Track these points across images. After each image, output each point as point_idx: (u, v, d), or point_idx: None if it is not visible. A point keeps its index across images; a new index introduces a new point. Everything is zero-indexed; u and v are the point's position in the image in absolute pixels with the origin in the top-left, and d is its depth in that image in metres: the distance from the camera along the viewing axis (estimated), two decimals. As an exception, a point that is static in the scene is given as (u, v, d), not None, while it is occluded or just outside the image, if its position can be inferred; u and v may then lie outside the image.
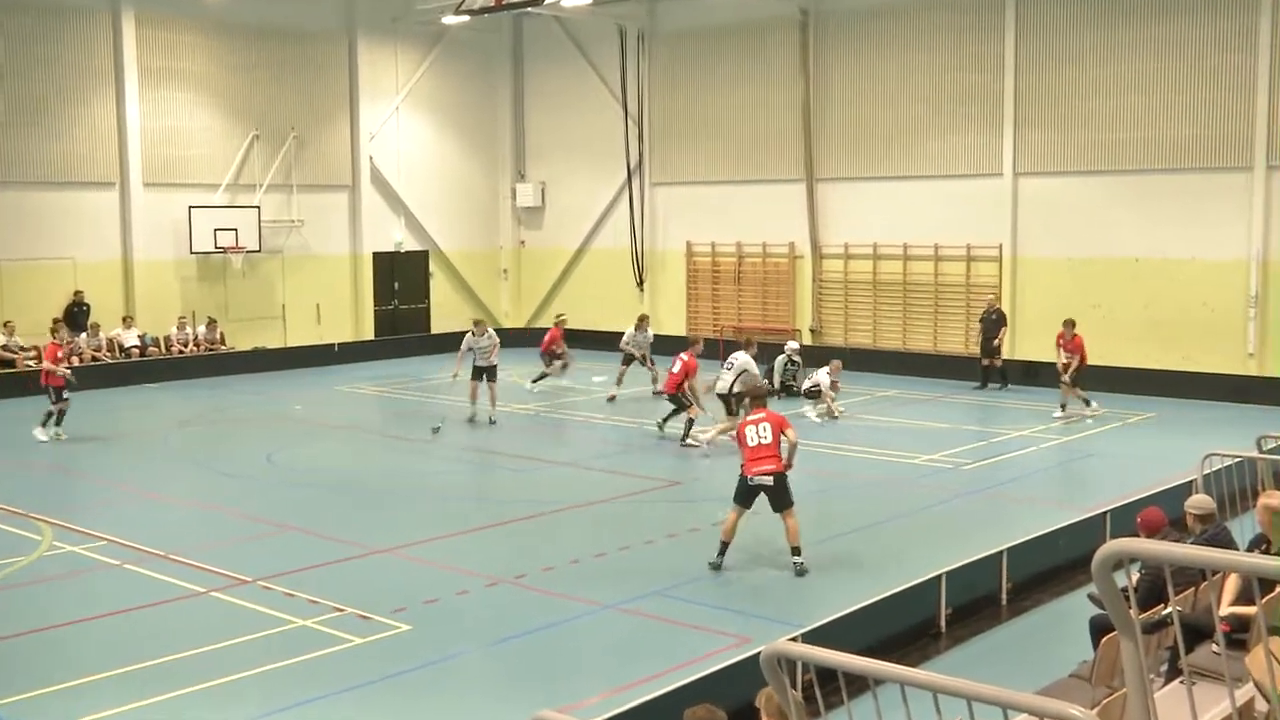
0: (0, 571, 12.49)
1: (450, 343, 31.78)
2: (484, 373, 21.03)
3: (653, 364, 23.93)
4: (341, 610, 11.03)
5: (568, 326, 26.50)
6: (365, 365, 29.30)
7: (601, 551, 13.10)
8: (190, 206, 27.56)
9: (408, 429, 21.06)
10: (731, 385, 18.93)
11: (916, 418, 21.68)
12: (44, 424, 19.63)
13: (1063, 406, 21.17)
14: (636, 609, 11.21)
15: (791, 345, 24.48)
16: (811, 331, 28.70)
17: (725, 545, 12.27)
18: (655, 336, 25.09)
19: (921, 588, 10.55)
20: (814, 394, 21.85)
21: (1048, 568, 12.00)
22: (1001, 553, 11.45)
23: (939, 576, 10.67)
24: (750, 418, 12.39)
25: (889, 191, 27.46)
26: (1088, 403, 21.21)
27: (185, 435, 20.79)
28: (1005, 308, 25.20)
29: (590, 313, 32.42)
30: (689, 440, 18.93)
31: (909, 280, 27.41)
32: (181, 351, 27.58)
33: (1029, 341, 25.33)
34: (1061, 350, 21.19)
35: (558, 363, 25.22)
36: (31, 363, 24.57)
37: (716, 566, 12.21)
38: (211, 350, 28.04)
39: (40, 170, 26.03)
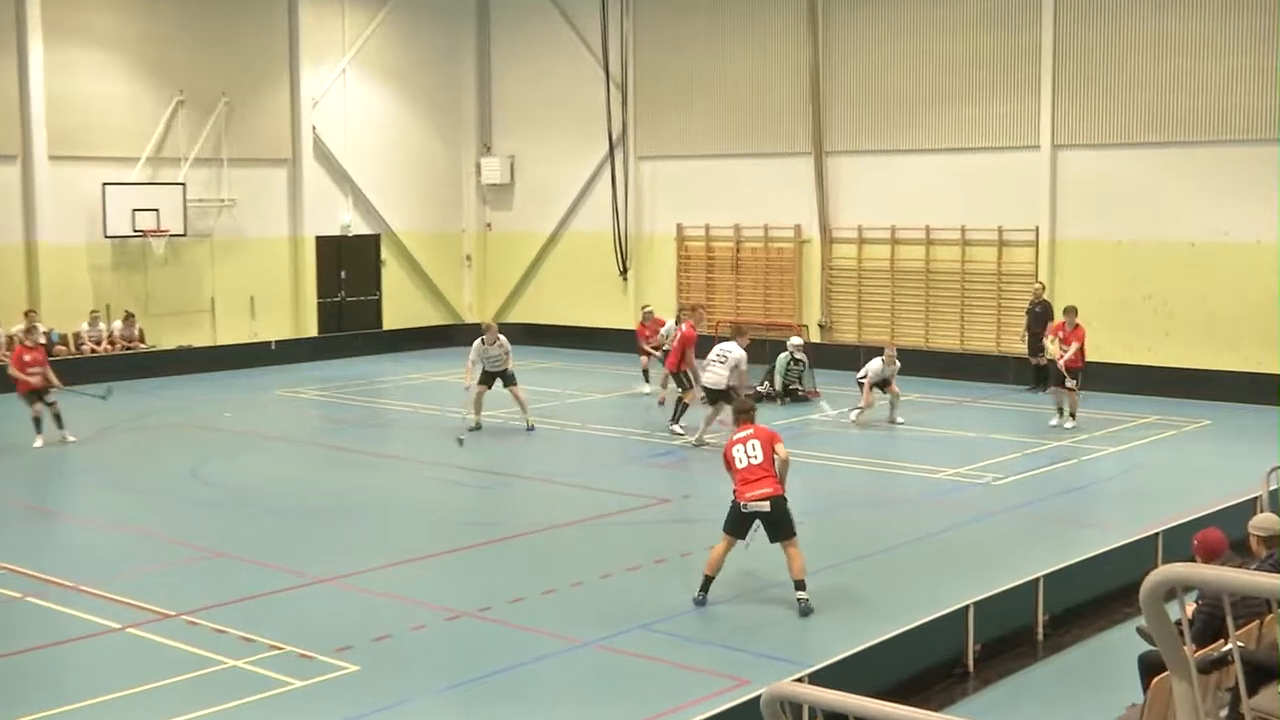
0: (-117, 605, 12.41)
1: (405, 341, 31.93)
2: (496, 378, 20.88)
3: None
4: (279, 648, 10.99)
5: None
6: (307, 366, 29.23)
7: (578, 580, 13.09)
8: (104, 183, 27.45)
9: (356, 440, 21.02)
10: (728, 381, 18.87)
11: (940, 425, 21.72)
12: (39, 431, 20.08)
13: (1068, 414, 20.89)
14: (618, 646, 11.20)
15: (795, 341, 24.46)
16: (820, 327, 28.74)
17: (709, 580, 12.19)
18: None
19: (946, 621, 10.56)
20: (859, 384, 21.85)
21: (1091, 598, 12.02)
22: (1037, 581, 11.47)
23: (966, 608, 10.68)
24: (737, 435, 12.27)
25: (909, 167, 27.51)
26: (1061, 410, 21.05)
27: (98, 447, 20.70)
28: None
29: (566, 306, 32.40)
30: (677, 427, 19.44)
31: (932, 268, 27.47)
32: (94, 350, 27.48)
33: (1069, 338, 25.39)
34: (1059, 344, 20.89)
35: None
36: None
37: (700, 603, 12.18)
38: (129, 349, 27.94)
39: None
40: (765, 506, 11.89)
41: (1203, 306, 24.34)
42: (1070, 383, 20.76)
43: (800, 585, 12.00)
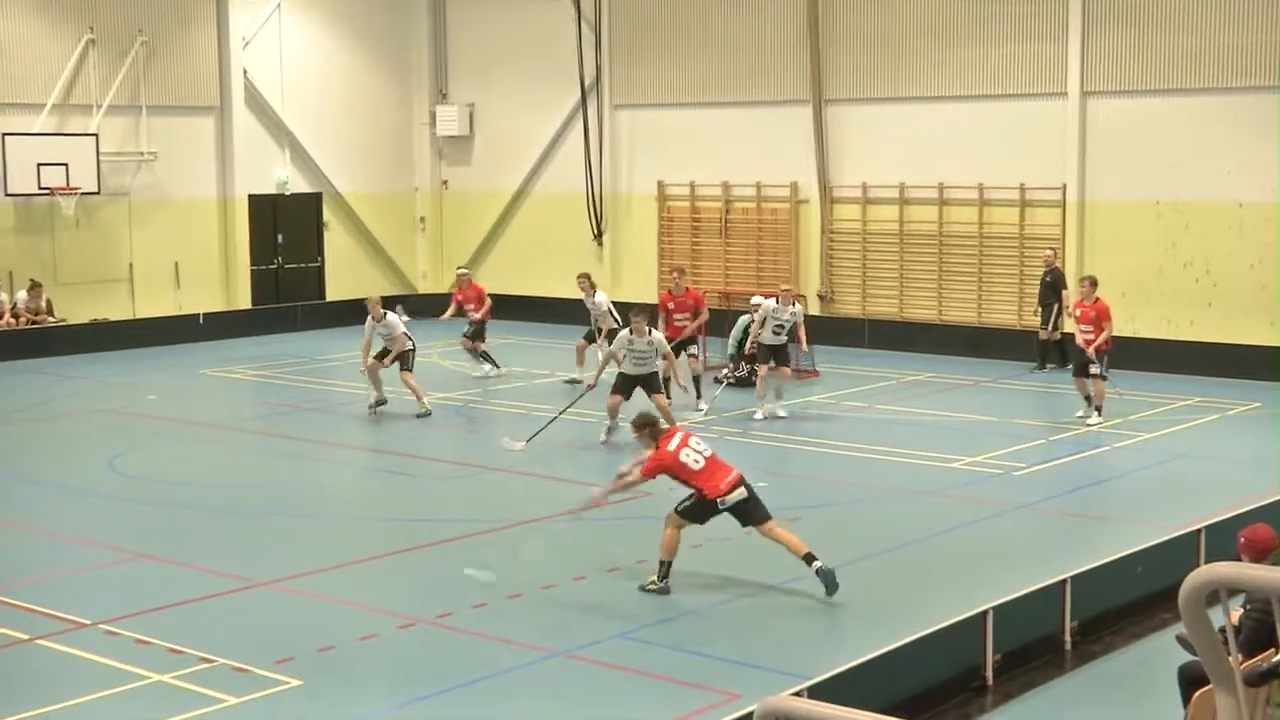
0: None
1: (352, 314, 31.72)
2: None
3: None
4: (211, 661, 11.01)
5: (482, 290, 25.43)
6: (239, 342, 29.16)
7: (550, 583, 13.12)
8: (4, 134, 27.32)
9: (296, 427, 21.00)
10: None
11: (954, 409, 21.81)
12: None
13: (1094, 407, 20.33)
14: (594, 656, 11.26)
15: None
16: (820, 298, 28.80)
17: (669, 565, 12.60)
18: (621, 305, 24.87)
19: (961, 628, 10.62)
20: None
21: (1124, 602, 12.12)
22: (1064, 583, 11.55)
23: (984, 614, 10.75)
24: (670, 446, 12.56)
25: (920, 117, 27.54)
26: (1089, 400, 20.34)
27: (1, 435, 20.63)
28: (1069, 266, 25.29)
29: (533, 275, 32.37)
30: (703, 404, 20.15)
31: (946, 232, 27.54)
32: (-4, 325, 27.41)
33: (1100, 311, 25.48)
34: (1078, 321, 20.31)
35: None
36: None
37: (665, 590, 12.53)
38: (35, 323, 27.85)
39: None
40: (744, 494, 12.52)
41: (1251, 275, 24.45)
42: (1095, 369, 20.03)
43: (811, 557, 12.45)
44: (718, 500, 12.42)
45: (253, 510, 16.17)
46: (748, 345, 22.32)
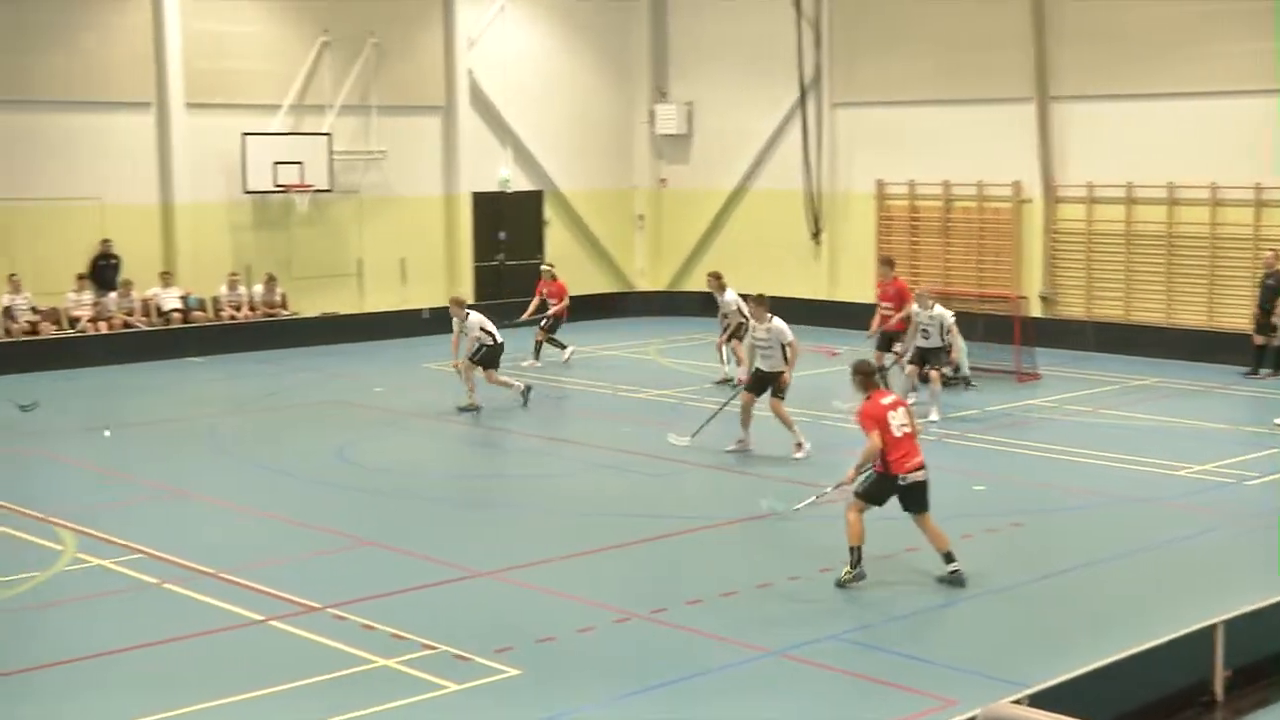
0: (11, 589, 13.06)
1: (571, 311, 32.15)
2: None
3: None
4: (433, 648, 11.25)
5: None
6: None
7: (766, 581, 13.12)
8: (244, 134, 28.28)
9: (516, 420, 21.34)
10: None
11: (1182, 415, 21.20)
12: None
13: None
14: (807, 656, 11.22)
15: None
16: (1043, 299, 28.26)
17: (859, 550, 12.75)
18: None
19: (1189, 641, 10.31)
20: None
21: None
22: (1301, 597, 11.15)
23: (1213, 627, 10.43)
24: (884, 401, 12.87)
25: (1149, 113, 26.81)
26: None
27: (237, 423, 21.37)
28: (1307, 269, 24.41)
29: (750, 274, 32.30)
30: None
31: (1175, 232, 26.77)
32: (233, 317, 28.38)
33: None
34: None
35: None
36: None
37: (861, 575, 12.71)
38: (270, 315, 28.78)
39: (58, 86, 26.93)
40: (923, 476, 12.81)
41: None
42: None
43: (950, 557, 12.80)
44: (899, 477, 12.67)
45: (474, 501, 16.49)
46: (900, 348, 22.09)
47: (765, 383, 18.26)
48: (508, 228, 32.73)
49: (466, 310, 21.96)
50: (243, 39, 28.80)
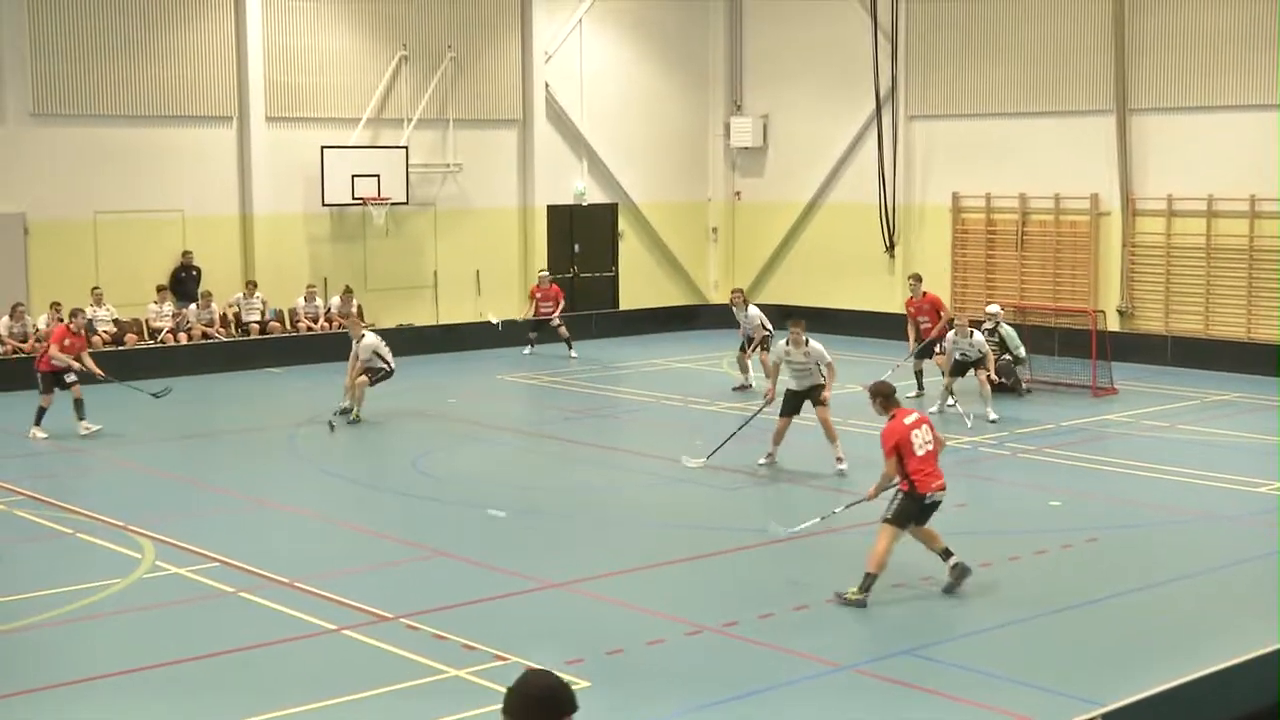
0: (92, 596, 13.22)
1: (643, 322, 32.25)
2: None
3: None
4: (504, 659, 11.28)
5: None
6: (536, 348, 29.80)
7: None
8: (323, 147, 28.57)
9: (589, 432, 21.38)
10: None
11: (1262, 431, 20.87)
12: (38, 421, 20.48)
13: None
14: (881, 672, 11.15)
15: (994, 309, 24.06)
16: (1120, 313, 27.97)
17: (875, 578, 12.67)
18: (764, 316, 24.63)
19: (1262, 662, 10.15)
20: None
21: None
22: (1382, 617, 10.94)
23: (1289, 648, 10.28)
24: (907, 421, 12.87)
25: (1231, 126, 26.52)
26: None
27: (314, 434, 21.55)
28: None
29: (824, 287, 32.27)
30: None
31: (1256, 246, 26.43)
32: (310, 328, 28.63)
33: None
34: None
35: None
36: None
37: (862, 604, 12.58)
38: (346, 328, 28.93)
39: (141, 101, 27.36)
40: (943, 496, 12.84)
41: None
42: None
43: (948, 552, 12.90)
44: (925, 496, 12.68)
45: (544, 512, 16.52)
46: (940, 358, 22.71)
47: (799, 402, 18.23)
48: (582, 240, 32.82)
49: (363, 332, 22.23)
50: (322, 54, 29.10)
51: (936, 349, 22.97)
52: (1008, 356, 23.27)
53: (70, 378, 20.54)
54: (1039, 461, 18.95)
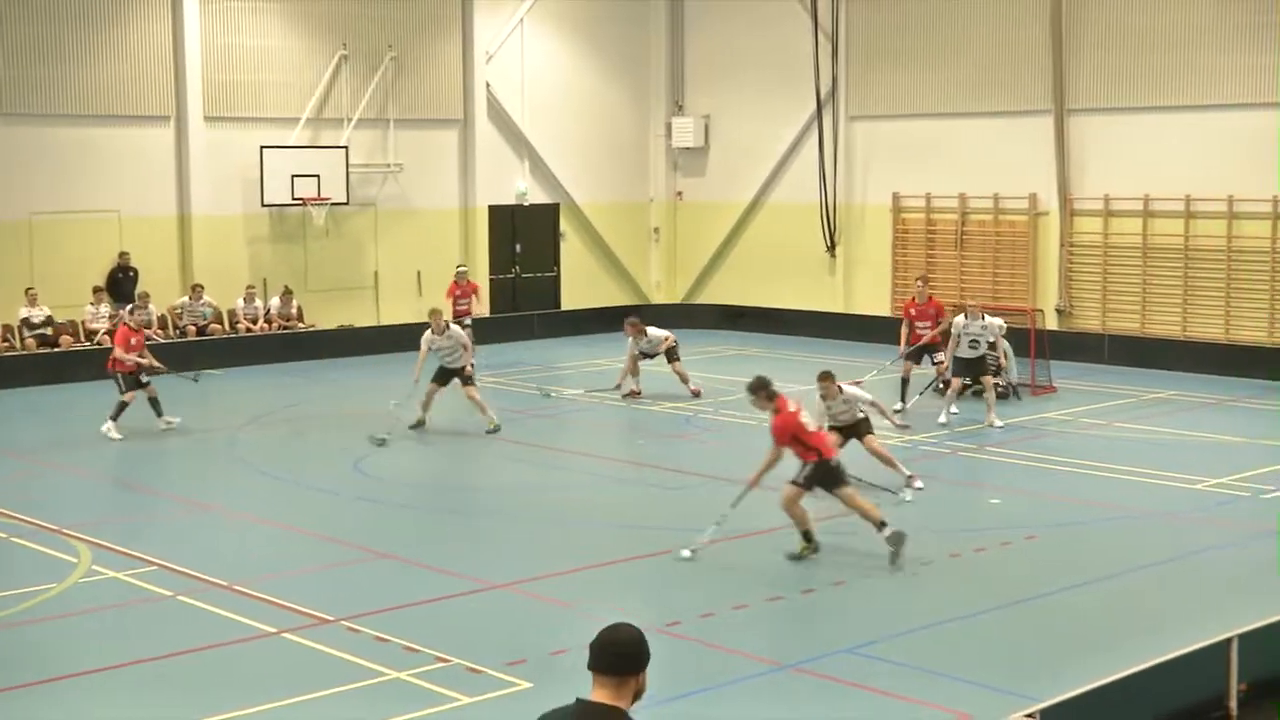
0: (27, 601, 13.07)
1: (586, 323, 32.22)
2: (452, 375, 21.03)
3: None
4: (446, 660, 11.26)
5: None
6: (479, 350, 29.67)
7: (776, 594, 13.11)
8: (262, 147, 28.36)
9: (532, 433, 21.34)
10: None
11: (1199, 429, 21.13)
12: (115, 418, 20.50)
13: None
14: (821, 670, 11.19)
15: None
16: (1058, 312, 28.18)
17: (810, 532, 13.91)
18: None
19: (1204, 655, 10.25)
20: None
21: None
22: (1316, 611, 11.08)
23: (1228, 640, 10.36)
24: (791, 408, 13.82)
25: (1168, 126, 26.76)
26: None
27: (253, 436, 21.41)
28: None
29: (766, 287, 32.36)
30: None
31: (1192, 245, 26.70)
32: (249, 329, 28.43)
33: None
34: None
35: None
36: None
37: (816, 549, 13.86)
38: (286, 328, 28.83)
39: (77, 101, 27.06)
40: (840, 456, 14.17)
41: None
42: None
43: (882, 524, 13.62)
44: (833, 460, 13.80)
45: (489, 513, 16.50)
46: (943, 358, 22.10)
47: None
48: (524, 240, 32.78)
49: (446, 323, 21.68)
50: (261, 53, 28.90)
51: (936, 356, 22.32)
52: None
53: (144, 377, 20.73)
54: (979, 459, 19.10)
